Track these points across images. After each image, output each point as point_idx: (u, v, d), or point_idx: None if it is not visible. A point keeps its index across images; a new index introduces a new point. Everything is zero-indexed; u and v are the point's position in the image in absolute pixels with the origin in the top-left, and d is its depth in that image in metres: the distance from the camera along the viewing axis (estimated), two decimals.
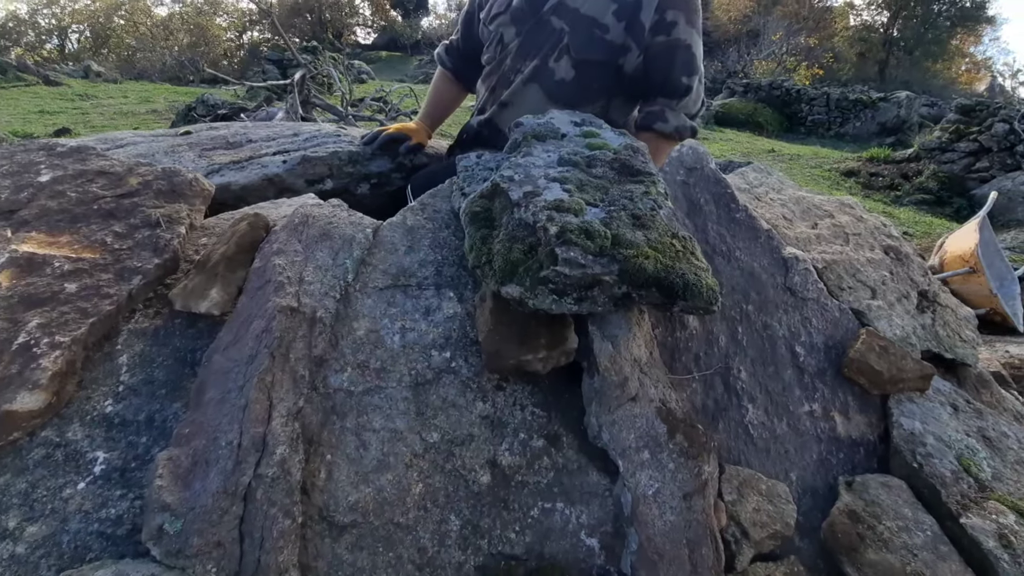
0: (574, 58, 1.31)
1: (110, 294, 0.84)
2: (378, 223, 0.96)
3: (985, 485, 0.81)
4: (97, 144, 1.65)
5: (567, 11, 1.30)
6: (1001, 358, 2.53)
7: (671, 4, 1.25)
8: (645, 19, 1.26)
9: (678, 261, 0.78)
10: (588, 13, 1.29)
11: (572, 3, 1.30)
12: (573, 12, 1.30)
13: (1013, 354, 2.58)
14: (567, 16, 1.30)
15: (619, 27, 1.28)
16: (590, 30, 1.29)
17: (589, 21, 1.29)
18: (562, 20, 1.31)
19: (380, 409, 0.77)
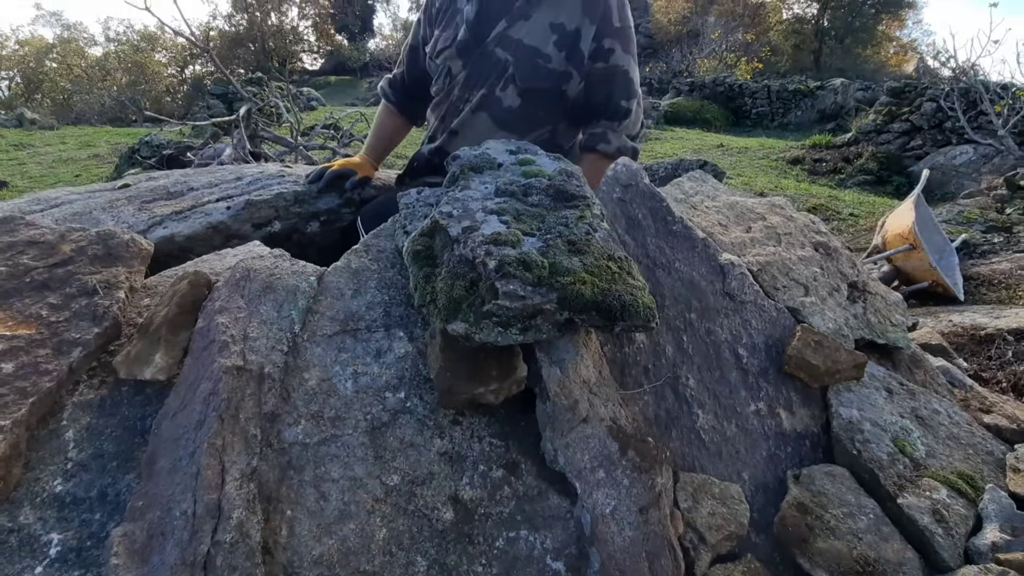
0: (520, 86, 1.36)
1: (49, 370, 0.82)
2: (322, 269, 0.96)
3: (919, 463, 0.86)
4: (30, 206, 1.60)
5: (510, 42, 1.35)
6: (945, 327, 2.67)
7: (608, 33, 1.31)
8: (584, 47, 1.32)
9: (614, 283, 0.82)
10: (530, 44, 1.33)
11: (515, 35, 1.34)
12: (516, 43, 1.34)
13: (956, 323, 2.72)
14: (510, 47, 1.35)
15: (560, 56, 1.33)
16: (533, 60, 1.34)
17: (532, 51, 1.34)
18: (506, 51, 1.36)
19: (338, 458, 0.78)
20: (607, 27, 1.30)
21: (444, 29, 1.44)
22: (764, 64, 16.83)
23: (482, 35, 1.37)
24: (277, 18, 27.92)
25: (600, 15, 1.29)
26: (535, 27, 1.31)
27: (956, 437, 0.93)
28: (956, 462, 0.88)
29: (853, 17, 18.96)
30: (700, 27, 17.86)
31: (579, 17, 1.29)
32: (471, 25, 1.36)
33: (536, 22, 1.31)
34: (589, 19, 1.29)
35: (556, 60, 1.32)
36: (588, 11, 1.29)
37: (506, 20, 1.32)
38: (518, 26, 1.32)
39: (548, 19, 1.30)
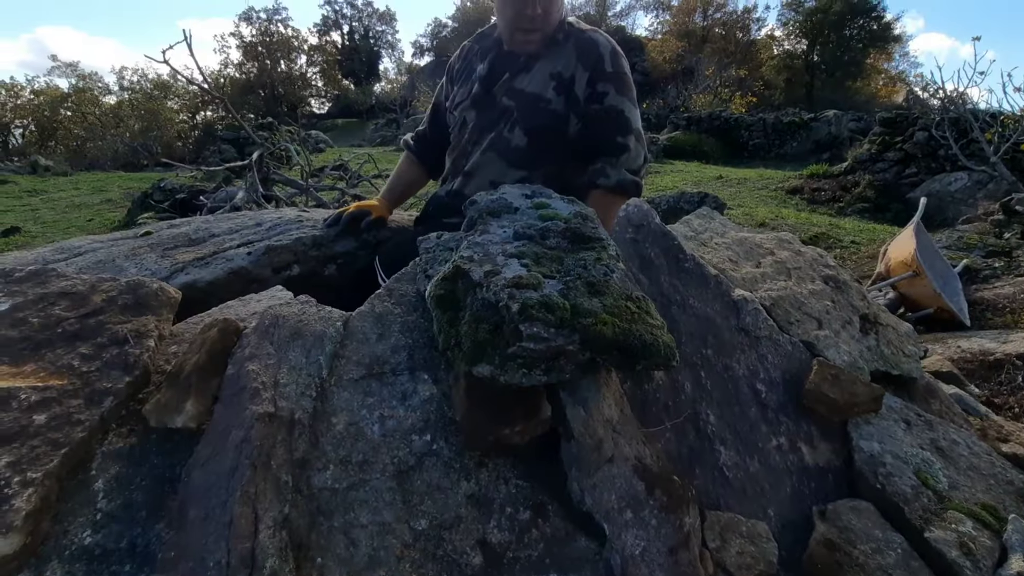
0: (524, 127, 1.45)
1: (81, 420, 0.84)
2: (347, 315, 0.99)
3: (943, 495, 0.86)
4: (54, 255, 1.65)
5: (514, 92, 1.46)
6: (954, 353, 2.67)
7: (601, 78, 1.40)
8: (579, 92, 1.41)
9: (634, 323, 0.84)
10: (532, 91, 1.44)
11: (518, 85, 1.46)
12: (519, 92, 1.45)
13: (964, 348, 2.72)
14: (514, 96, 1.46)
15: (559, 100, 1.43)
16: (535, 104, 1.44)
17: (534, 97, 1.44)
18: (511, 99, 1.46)
19: (366, 503, 0.78)
20: (600, 73, 1.39)
21: (461, 86, 1.57)
22: (758, 98, 17.26)
23: (489, 88, 1.49)
24: (287, 65, 28.94)
25: (592, 63, 1.39)
26: (536, 77, 1.43)
27: (976, 468, 0.93)
28: (978, 493, 0.88)
29: (841, 52, 19.56)
30: (694, 64, 18.41)
31: (574, 65, 1.40)
32: (482, 80, 1.48)
33: (536, 72, 1.42)
34: (583, 66, 1.39)
35: (556, 103, 1.42)
36: (582, 59, 1.39)
37: (510, 73, 1.44)
38: (520, 77, 1.44)
39: (548, 69, 1.42)
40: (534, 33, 1.37)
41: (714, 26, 21.71)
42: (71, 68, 24.53)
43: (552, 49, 1.43)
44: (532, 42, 1.39)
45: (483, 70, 1.50)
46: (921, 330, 3.27)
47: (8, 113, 23.33)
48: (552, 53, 1.44)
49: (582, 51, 1.41)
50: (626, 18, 25.62)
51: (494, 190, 1.20)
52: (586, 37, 1.43)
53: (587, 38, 1.43)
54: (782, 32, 21.20)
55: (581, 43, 1.42)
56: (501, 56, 1.48)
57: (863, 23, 19.27)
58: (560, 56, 1.43)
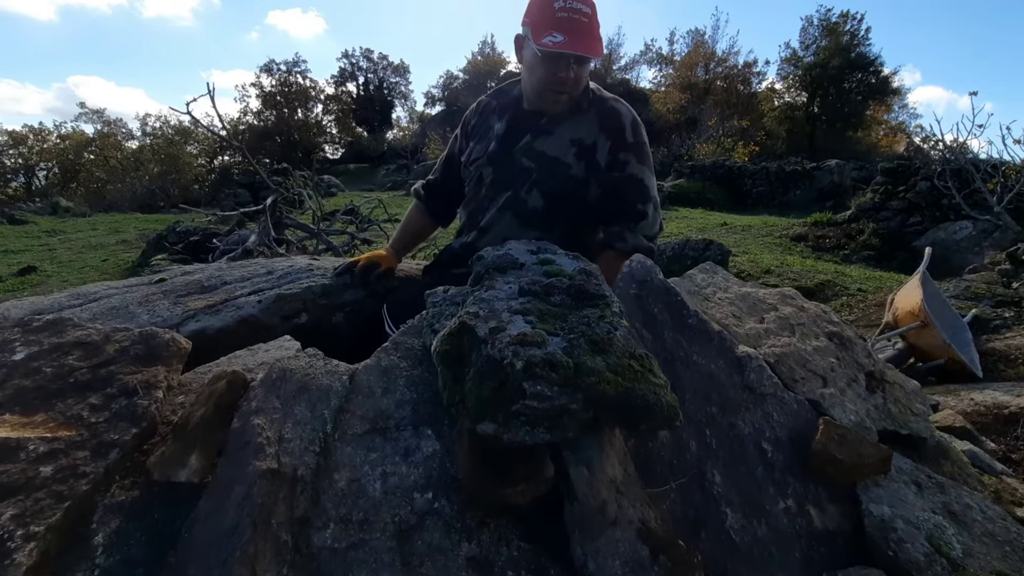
0: (543, 190, 1.49)
1: (86, 472, 0.84)
2: (354, 368, 1.00)
3: (957, 563, 0.84)
4: (69, 300, 1.68)
5: (535, 153, 1.50)
6: (967, 407, 2.62)
7: (622, 147, 1.45)
8: (600, 159, 1.46)
9: (637, 382, 0.84)
10: (552, 155, 1.48)
11: (539, 147, 1.50)
12: (540, 154, 1.49)
13: (978, 401, 2.67)
14: (534, 157, 1.50)
15: (580, 165, 1.47)
16: (555, 168, 1.48)
17: (554, 161, 1.48)
18: (531, 160, 1.50)
19: (365, 564, 0.77)
20: (621, 142, 1.44)
21: (478, 142, 1.62)
22: (760, 147, 17.66)
23: (510, 146, 1.52)
24: (303, 113, 30.08)
25: (614, 132, 1.44)
26: (557, 141, 1.47)
27: (991, 534, 0.91)
28: (994, 561, 0.86)
29: (841, 104, 20.10)
30: (697, 115, 18.95)
31: (596, 133, 1.45)
32: (500, 139, 1.53)
33: (558, 137, 1.46)
34: (604, 135, 1.44)
35: (576, 168, 1.46)
36: (604, 128, 1.45)
37: (531, 135, 1.48)
38: (541, 140, 1.48)
39: (569, 135, 1.46)
40: (563, 95, 1.41)
41: (716, 79, 22.48)
42: (97, 115, 25.63)
43: (575, 115, 1.48)
44: (560, 103, 1.44)
45: (501, 128, 1.54)
46: (932, 381, 3.21)
47: (34, 156, 24.25)
48: (575, 119, 1.48)
49: (604, 120, 1.46)
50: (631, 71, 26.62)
51: (500, 245, 1.23)
52: (608, 107, 1.49)
53: (610, 107, 1.49)
54: (782, 85, 21.91)
55: (604, 112, 1.48)
56: (520, 115, 1.53)
57: (861, 76, 19.90)
58: (582, 123, 1.47)
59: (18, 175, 24.26)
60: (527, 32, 1.37)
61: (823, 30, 20.29)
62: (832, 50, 19.50)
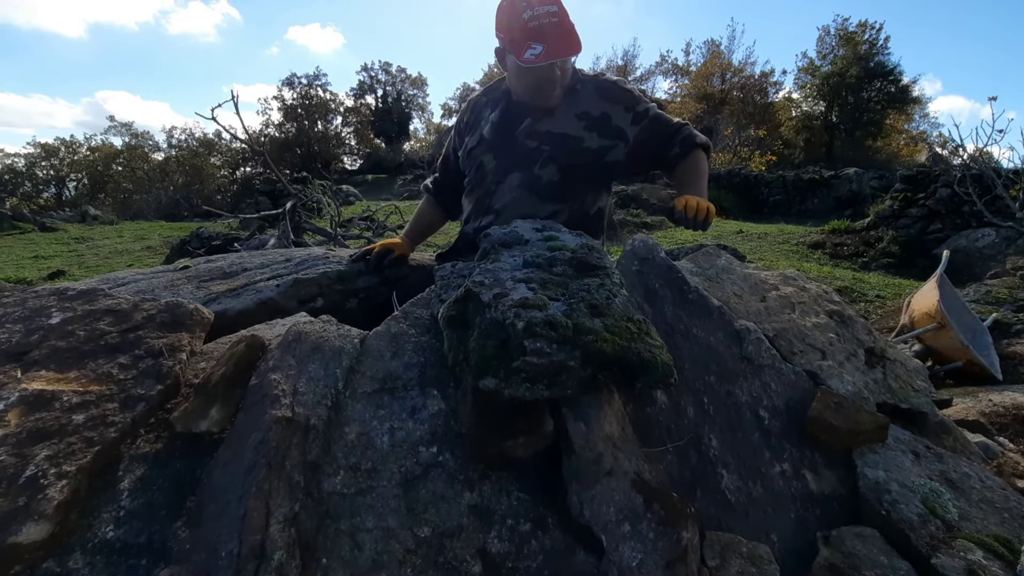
0: (561, 164, 1.55)
1: (115, 422, 0.90)
2: (365, 333, 1.05)
3: (952, 525, 0.85)
4: (100, 284, 1.77)
5: (540, 134, 1.56)
6: (986, 407, 2.57)
7: (633, 102, 1.55)
8: (621, 123, 1.54)
9: (634, 342, 0.88)
10: (560, 131, 1.54)
11: (542, 128, 1.56)
12: (546, 133, 1.55)
13: (996, 402, 2.62)
14: (541, 137, 1.56)
15: (592, 136, 1.54)
16: (567, 142, 1.54)
17: (563, 136, 1.54)
18: (537, 140, 1.56)
19: (372, 509, 0.81)
20: (630, 100, 1.55)
21: (472, 135, 1.69)
22: (778, 156, 17.53)
23: (507, 131, 1.58)
24: (323, 126, 30.69)
25: (617, 96, 1.54)
26: (563, 119, 1.53)
27: (990, 501, 0.91)
28: (992, 525, 0.86)
29: (860, 113, 19.89)
30: (713, 124, 18.90)
31: (601, 104, 1.52)
32: (495, 125, 1.60)
33: (561, 115, 1.53)
34: (611, 103, 1.52)
35: (589, 140, 1.53)
36: (607, 99, 1.52)
37: (531, 119, 1.53)
38: (544, 121, 1.54)
39: (572, 112, 1.53)
40: (555, 91, 1.49)
41: (732, 89, 22.43)
42: (126, 127, 26.45)
43: (570, 95, 1.54)
44: (553, 98, 1.51)
45: (496, 117, 1.61)
46: (951, 384, 3.16)
47: (65, 167, 25.09)
48: (571, 97, 1.54)
49: (604, 93, 1.55)
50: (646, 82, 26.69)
51: (507, 224, 1.27)
52: (600, 81, 1.59)
53: (601, 81, 1.59)
54: (799, 95, 21.77)
55: (600, 86, 1.57)
56: (512, 104, 1.60)
57: (880, 85, 19.68)
58: (579, 99, 1.54)
59: (49, 186, 25.11)
60: (505, 46, 1.44)
61: (840, 39, 20.17)
62: (850, 59, 19.35)
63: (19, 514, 0.75)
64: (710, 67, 23.13)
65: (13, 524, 0.73)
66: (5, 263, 8.25)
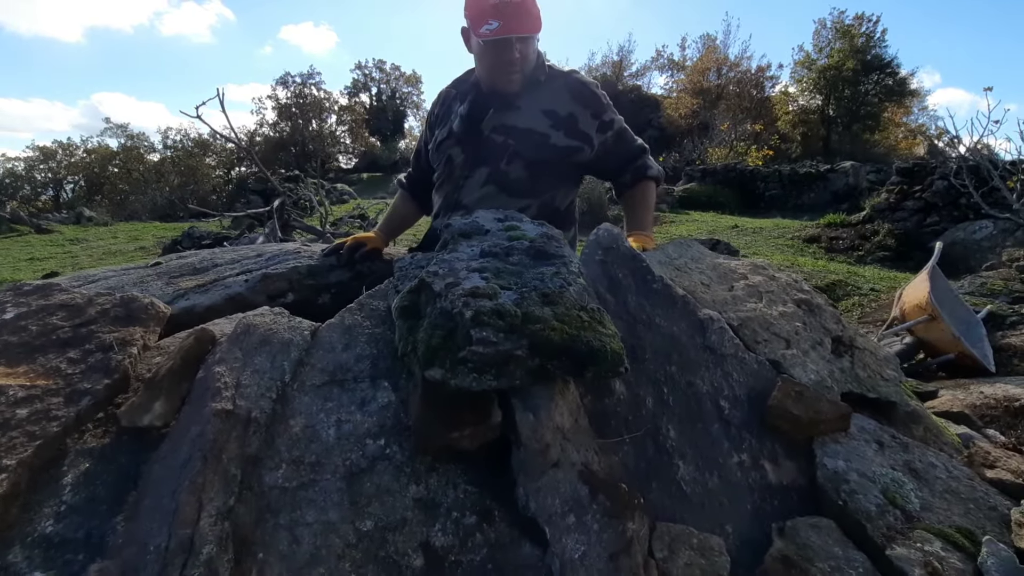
0: (527, 160, 1.54)
1: (58, 416, 0.88)
2: (317, 325, 1.03)
3: (912, 515, 0.83)
4: (70, 282, 1.75)
5: (507, 128, 1.55)
6: (976, 399, 2.55)
7: (602, 110, 1.55)
8: (587, 128, 1.53)
9: (583, 330, 0.86)
10: (525, 126, 1.53)
11: (508, 122, 1.55)
12: (512, 128, 1.54)
13: (988, 394, 2.61)
14: (507, 131, 1.55)
15: (559, 135, 1.52)
16: (531, 138, 1.53)
17: (528, 132, 1.53)
18: (503, 135, 1.55)
19: (314, 502, 0.80)
20: (599, 106, 1.54)
21: (441, 128, 1.68)
22: (774, 151, 17.47)
23: (474, 125, 1.57)
24: (318, 124, 30.63)
25: (587, 100, 1.53)
26: (527, 113, 1.51)
27: (955, 491, 0.89)
28: (955, 516, 0.84)
29: (857, 106, 19.81)
30: (709, 119, 18.84)
31: (570, 104, 1.51)
32: (464, 119, 1.58)
33: (527, 110, 1.51)
34: (581, 105, 1.51)
35: (555, 137, 1.52)
36: (576, 99, 1.51)
37: (495, 110, 1.51)
38: (510, 114, 1.52)
39: (539, 107, 1.51)
40: (515, 74, 1.47)
41: (728, 84, 22.35)
42: (121, 129, 26.39)
43: (536, 88, 1.53)
44: (514, 83, 1.49)
45: (464, 110, 1.59)
46: (943, 376, 3.14)
47: (62, 170, 25.08)
48: (537, 92, 1.53)
49: (574, 92, 1.54)
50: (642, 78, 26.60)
51: (469, 214, 1.25)
52: (572, 79, 1.56)
53: (574, 80, 1.56)
54: (796, 88, 21.68)
55: (571, 85, 1.55)
56: (480, 96, 1.58)
57: (878, 78, 19.59)
58: (546, 95, 1.53)
59: (48, 188, 25.10)
60: (469, 24, 1.44)
61: (837, 32, 20.07)
62: (847, 52, 19.25)
63: None
64: (706, 62, 23.06)
65: None
66: (2, 265, 8.25)
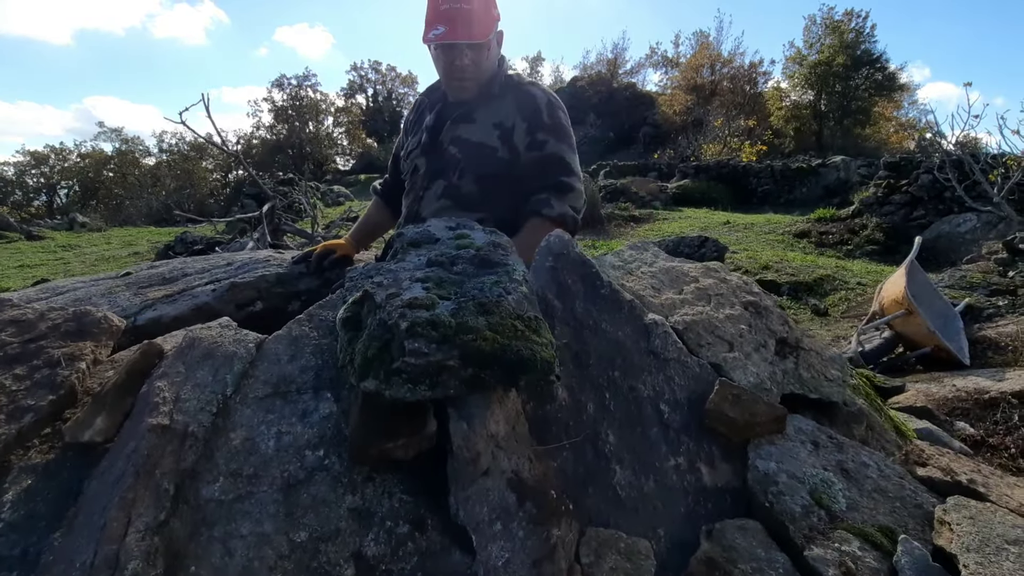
0: (475, 174, 1.54)
1: (0, 434, 0.89)
2: (263, 337, 1.04)
3: (837, 515, 0.84)
4: (38, 294, 1.75)
5: (460, 141, 1.56)
6: (948, 392, 2.58)
7: (540, 128, 1.49)
8: (518, 141, 1.51)
9: (515, 340, 0.87)
10: (477, 140, 1.53)
11: (463, 134, 1.55)
12: (464, 141, 1.55)
13: (959, 387, 2.63)
14: (460, 144, 1.55)
15: (504, 148, 1.52)
16: (481, 152, 1.53)
17: (479, 145, 1.53)
18: (456, 148, 1.56)
19: (249, 515, 0.81)
20: (538, 124, 1.49)
21: (413, 136, 1.70)
22: (768, 146, 17.51)
23: (437, 136, 1.59)
24: (314, 126, 30.61)
25: (529, 114, 1.50)
26: (480, 127, 1.52)
27: (883, 490, 0.91)
28: (880, 516, 0.86)
29: (848, 101, 19.86)
30: (703, 116, 18.87)
31: (514, 115, 1.50)
32: (429, 130, 1.60)
33: (480, 123, 1.52)
34: (521, 117, 1.50)
35: (502, 151, 1.51)
36: (520, 110, 1.50)
37: (451, 122, 1.54)
38: (464, 127, 1.54)
39: (491, 120, 1.52)
40: (467, 81, 1.48)
41: (721, 80, 22.38)
42: (116, 133, 26.33)
43: (492, 101, 1.54)
44: (466, 89, 1.50)
45: (430, 120, 1.61)
46: (920, 370, 3.17)
47: (56, 175, 25.02)
48: (492, 104, 1.53)
49: (521, 104, 1.52)
50: (636, 75, 26.62)
51: (421, 223, 1.27)
52: (524, 91, 1.55)
53: (525, 92, 1.54)
54: (788, 84, 21.73)
55: (520, 96, 1.53)
56: (447, 106, 1.60)
57: (868, 73, 19.64)
58: (501, 107, 1.53)
59: (40, 194, 25.04)
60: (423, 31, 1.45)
61: (827, 28, 20.12)
62: (837, 47, 19.31)
63: None
64: (699, 58, 23.08)
65: None
66: None
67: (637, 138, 22.10)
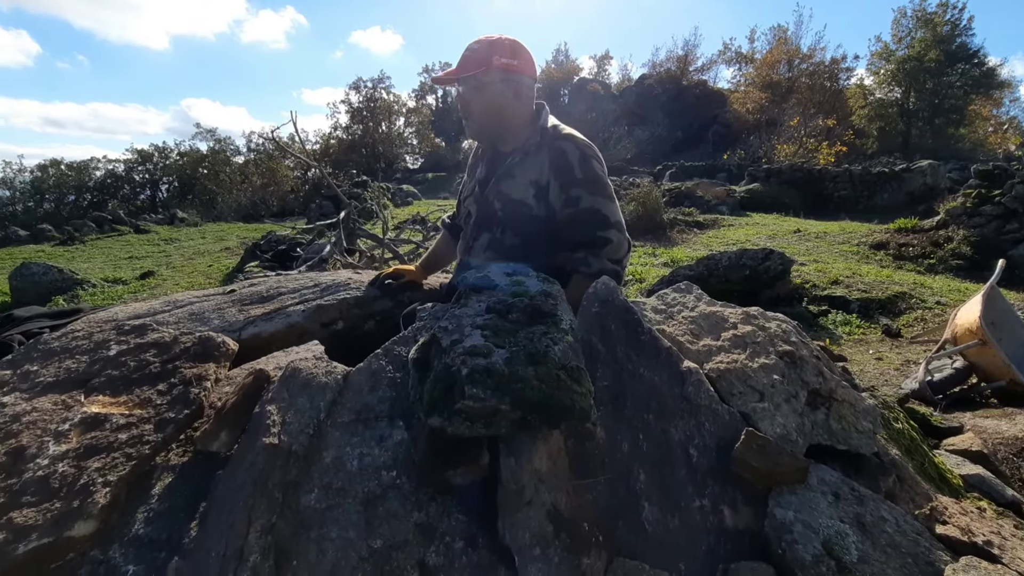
0: (514, 231, 1.64)
1: (150, 440, 1.14)
2: (349, 370, 1.24)
3: (847, 567, 0.92)
4: (163, 307, 2.08)
5: (501, 195, 1.66)
6: (1020, 431, 2.46)
7: (572, 184, 1.55)
8: (553, 199, 1.58)
9: (558, 390, 1.01)
10: (517, 197, 1.62)
11: (504, 189, 1.65)
12: (505, 196, 1.65)
13: None
14: (501, 199, 1.66)
15: (540, 205, 1.60)
16: (519, 210, 1.62)
17: (517, 203, 1.62)
18: (500, 203, 1.66)
19: (338, 521, 1.00)
20: (571, 181, 1.54)
21: (469, 181, 1.85)
22: (848, 147, 16.49)
23: (484, 187, 1.73)
24: (387, 126, 31.88)
25: (561, 171, 1.55)
26: (519, 184, 1.61)
27: (897, 545, 0.97)
28: (890, 570, 0.93)
29: (940, 99, 18.29)
30: (777, 115, 18.01)
31: (547, 174, 1.57)
32: (480, 182, 1.74)
33: (519, 180, 1.61)
34: (554, 175, 1.55)
35: (537, 209, 1.60)
36: (553, 168, 1.56)
37: (496, 178, 1.65)
38: (506, 183, 1.63)
39: (528, 177, 1.59)
40: (469, 120, 1.66)
41: (799, 76, 21.24)
42: (210, 133, 28.64)
43: (528, 157, 1.61)
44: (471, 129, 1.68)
45: (482, 172, 1.75)
46: (994, 403, 3.00)
47: (158, 172, 27.57)
48: (528, 160, 1.61)
49: (553, 160, 1.57)
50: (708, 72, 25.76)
51: (483, 267, 1.43)
52: (556, 146, 1.57)
53: (557, 147, 1.56)
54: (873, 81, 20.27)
55: (552, 152, 1.57)
56: (495, 157, 1.73)
57: (963, 69, 17.97)
58: (536, 164, 1.59)
59: (144, 189, 27.71)
60: None
61: (918, 21, 18.57)
62: (929, 42, 17.79)
63: (73, 514, 0.99)
64: (776, 54, 22.00)
65: (69, 521, 0.98)
66: (104, 264, 9.28)
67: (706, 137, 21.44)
